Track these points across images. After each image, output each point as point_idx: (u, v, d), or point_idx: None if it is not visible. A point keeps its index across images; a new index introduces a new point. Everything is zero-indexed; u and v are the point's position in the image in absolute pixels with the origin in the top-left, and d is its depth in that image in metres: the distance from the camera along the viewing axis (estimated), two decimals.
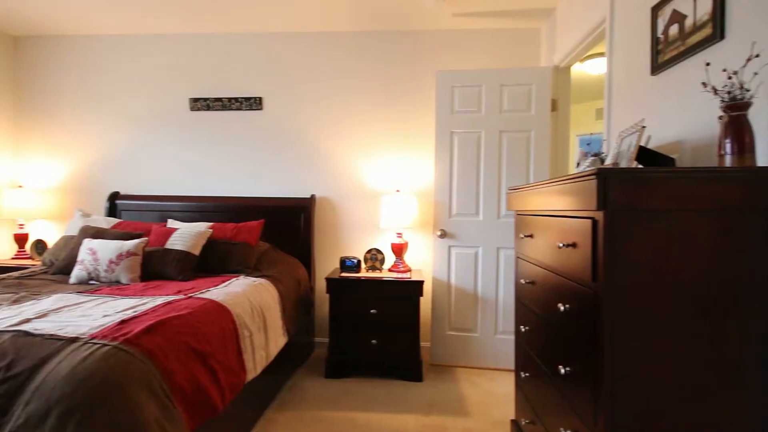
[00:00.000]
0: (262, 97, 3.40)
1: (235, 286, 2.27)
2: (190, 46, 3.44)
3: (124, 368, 1.24)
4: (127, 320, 1.53)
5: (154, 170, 3.50)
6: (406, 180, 3.28)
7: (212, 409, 1.54)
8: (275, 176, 3.39)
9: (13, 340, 1.31)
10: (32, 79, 3.58)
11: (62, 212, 3.55)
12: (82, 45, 3.52)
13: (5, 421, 1.11)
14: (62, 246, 2.76)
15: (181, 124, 3.46)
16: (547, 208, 1.51)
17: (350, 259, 2.99)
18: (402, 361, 2.77)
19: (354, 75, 3.32)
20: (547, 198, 1.51)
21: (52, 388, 1.14)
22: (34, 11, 3.11)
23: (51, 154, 3.57)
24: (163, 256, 2.50)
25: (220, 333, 1.78)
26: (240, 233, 2.83)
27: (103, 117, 3.52)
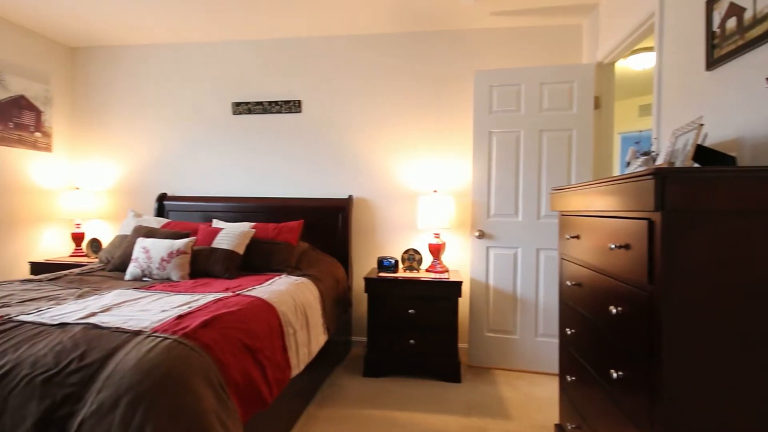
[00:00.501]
0: (300, 100, 3.48)
1: (279, 284, 2.34)
2: (233, 53, 3.57)
3: (185, 360, 1.31)
4: (184, 315, 1.61)
5: (198, 172, 3.65)
6: (443, 180, 3.27)
7: (262, 403, 1.60)
8: (314, 177, 3.46)
9: (84, 332, 1.40)
10: (88, 88, 3.80)
11: (115, 212, 3.76)
12: (132, 55, 3.72)
13: (80, 407, 1.19)
14: (117, 245, 2.93)
15: (224, 128, 3.59)
16: (596, 209, 1.48)
17: (388, 259, 3.01)
18: (440, 361, 2.77)
19: (391, 76, 3.35)
20: (596, 198, 1.48)
21: (121, 378, 1.22)
22: (89, 25, 3.30)
23: (105, 158, 3.78)
24: (210, 254, 2.61)
25: (268, 329, 1.84)
26: (281, 233, 2.91)
27: (152, 122, 3.70)
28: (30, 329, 1.43)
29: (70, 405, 1.19)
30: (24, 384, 1.22)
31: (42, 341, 1.35)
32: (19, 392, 1.21)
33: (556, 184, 2.86)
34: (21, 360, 1.27)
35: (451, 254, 3.27)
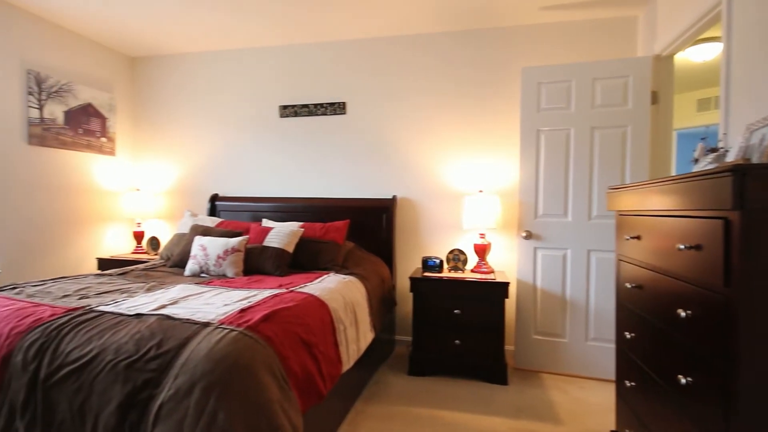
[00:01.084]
0: (345, 102, 3.54)
1: (328, 282, 2.40)
2: (280, 58, 3.69)
3: (251, 351, 1.38)
4: (246, 309, 1.68)
5: (247, 173, 3.79)
6: (488, 180, 3.24)
7: (318, 396, 1.65)
8: (358, 178, 3.52)
9: (159, 322, 1.50)
10: (147, 95, 4.04)
11: (171, 212, 3.98)
12: (186, 63, 3.92)
13: (159, 391, 1.28)
14: (176, 242, 3.09)
15: (271, 131, 3.72)
16: (661, 208, 1.43)
17: (432, 259, 3.02)
18: (486, 363, 2.74)
19: (436, 76, 3.35)
20: (661, 197, 1.43)
21: (195, 366, 1.30)
22: (147, 36, 3.51)
23: (163, 161, 4.00)
24: (262, 252, 2.71)
25: (321, 325, 1.90)
26: (328, 232, 2.98)
27: (205, 126, 3.88)
28: (110, 319, 1.55)
29: (149, 389, 1.29)
30: (109, 368, 1.33)
31: (122, 330, 1.46)
32: (104, 376, 1.32)
33: (608, 183, 2.76)
34: (105, 347, 1.38)
35: (496, 255, 3.23)
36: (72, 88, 3.45)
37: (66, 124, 3.41)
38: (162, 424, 1.23)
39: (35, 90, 3.17)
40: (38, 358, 1.39)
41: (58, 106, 3.34)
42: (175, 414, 1.24)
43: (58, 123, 3.34)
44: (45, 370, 1.36)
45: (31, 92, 3.14)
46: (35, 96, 3.17)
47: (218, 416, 1.22)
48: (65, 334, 1.44)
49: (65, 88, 3.39)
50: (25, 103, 3.11)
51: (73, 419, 1.31)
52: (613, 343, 2.75)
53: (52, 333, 1.45)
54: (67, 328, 1.47)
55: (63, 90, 3.37)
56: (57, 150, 3.35)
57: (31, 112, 3.15)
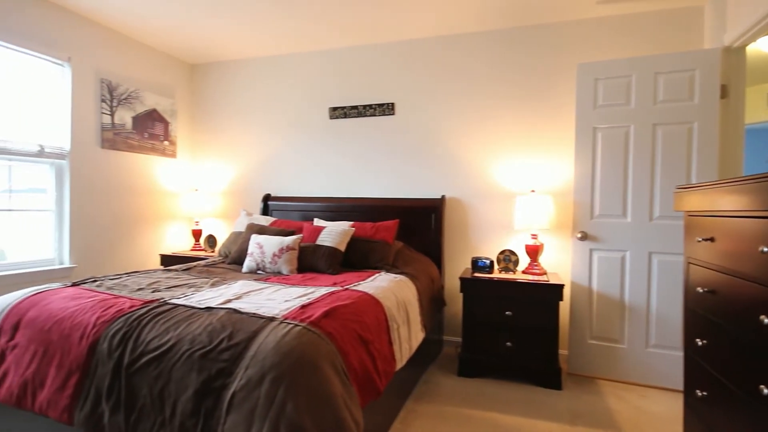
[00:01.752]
0: (394, 103, 3.57)
1: (380, 281, 2.43)
2: (330, 60, 3.77)
3: (315, 346, 1.43)
4: (306, 305, 1.74)
5: (298, 174, 3.90)
6: (541, 180, 3.16)
7: (376, 392, 1.68)
8: (407, 178, 3.54)
9: (228, 315, 1.59)
10: (204, 100, 4.26)
11: (227, 211, 4.16)
12: (241, 68, 4.09)
13: (231, 381, 1.35)
14: (233, 240, 3.24)
15: (321, 132, 3.81)
16: (739, 208, 1.35)
17: (482, 260, 2.98)
18: (539, 366, 2.68)
19: (485, 75, 3.31)
20: (738, 197, 1.35)
21: (264, 358, 1.36)
22: (205, 43, 3.70)
23: (219, 163, 4.20)
24: (315, 251, 2.78)
25: (376, 323, 1.93)
26: (378, 232, 3.01)
27: (258, 128, 4.04)
28: (183, 311, 1.65)
29: (223, 378, 1.36)
30: (185, 358, 1.42)
31: (196, 322, 1.55)
32: (181, 364, 1.41)
33: (672, 182, 2.63)
34: (181, 337, 1.48)
35: (548, 256, 3.15)
36: (139, 95, 3.69)
37: (133, 129, 3.65)
38: (235, 412, 1.30)
39: (107, 97, 3.42)
40: (122, 346, 1.50)
41: (127, 112, 3.59)
42: (246, 403, 1.30)
43: (126, 128, 3.59)
44: (128, 358, 1.47)
45: (104, 99, 3.40)
46: (107, 103, 3.42)
47: (287, 407, 1.27)
48: (145, 325, 1.55)
49: (133, 95, 3.64)
50: (99, 109, 3.37)
51: (153, 404, 1.41)
52: (678, 350, 2.62)
53: (133, 323, 1.56)
54: (146, 318, 1.58)
55: (131, 97, 3.62)
56: (125, 153, 3.60)
57: (104, 118, 3.40)
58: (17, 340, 1.65)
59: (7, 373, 1.62)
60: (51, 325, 1.63)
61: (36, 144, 2.95)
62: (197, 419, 1.34)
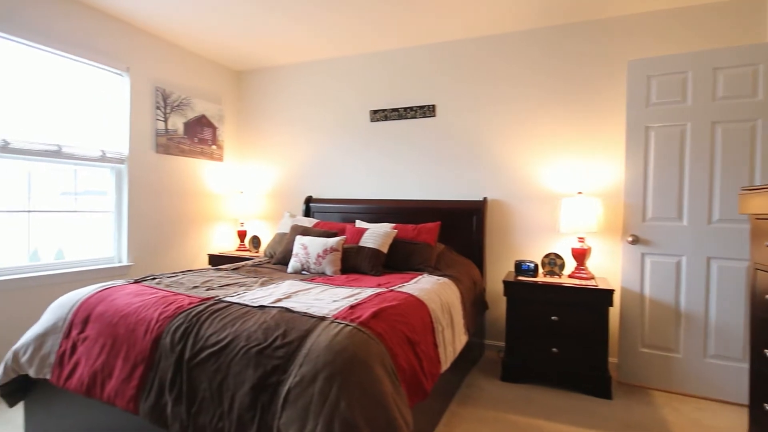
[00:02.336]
0: (435, 105, 3.57)
1: (424, 283, 2.43)
2: (371, 64, 3.81)
3: (366, 346, 1.45)
4: (355, 306, 1.77)
5: (339, 176, 3.97)
6: (588, 181, 3.06)
7: (423, 393, 1.68)
8: (447, 180, 3.52)
9: (281, 314, 1.64)
10: (249, 105, 4.41)
11: (270, 213, 4.29)
12: (284, 74, 4.21)
13: (286, 377, 1.40)
14: (278, 241, 3.33)
15: (362, 135, 3.86)
16: None
17: (526, 263, 2.92)
18: (587, 374, 2.59)
19: (528, 75, 3.25)
20: None
21: (317, 356, 1.39)
22: (251, 51, 3.83)
23: (263, 166, 4.34)
24: (358, 252, 2.82)
25: (422, 325, 1.93)
26: (420, 234, 3.02)
27: (301, 132, 4.14)
28: (238, 309, 1.71)
29: (278, 374, 1.41)
30: (242, 354, 1.47)
31: (250, 319, 1.61)
32: (238, 360, 1.47)
33: (733, 183, 2.48)
34: (238, 334, 1.54)
35: (596, 260, 3.05)
36: (190, 101, 3.87)
37: (185, 134, 3.83)
38: (290, 408, 1.34)
39: (162, 104, 3.61)
40: (183, 340, 1.58)
41: (179, 118, 3.77)
42: (301, 399, 1.34)
43: (178, 133, 3.77)
44: (189, 352, 1.55)
45: (158, 107, 3.58)
46: (161, 110, 3.61)
47: (340, 405, 1.30)
48: (203, 321, 1.63)
49: (185, 102, 3.82)
50: (154, 116, 3.55)
51: (213, 397, 1.47)
52: (740, 362, 2.47)
53: (193, 319, 1.64)
54: (205, 315, 1.66)
55: (183, 104, 3.80)
56: (177, 157, 3.78)
57: (158, 124, 3.59)
58: (87, 333, 1.77)
59: (78, 363, 1.74)
60: (118, 320, 1.74)
61: (98, 149, 3.15)
62: (254, 413, 1.39)
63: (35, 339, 1.84)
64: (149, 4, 3.01)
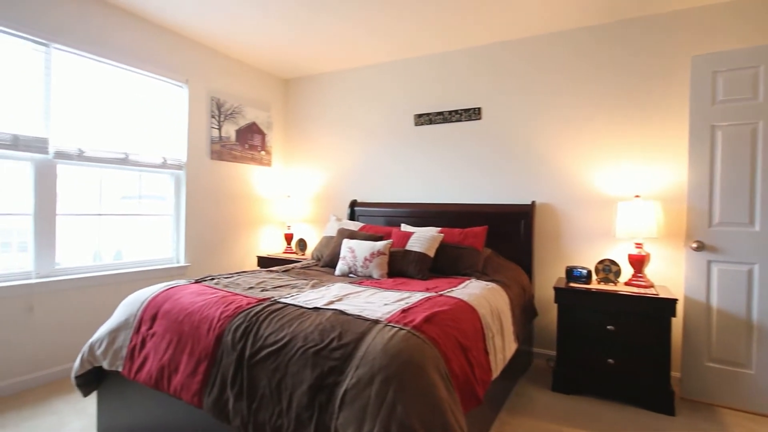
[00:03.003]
0: (480, 107, 3.52)
1: (473, 288, 2.40)
2: (414, 68, 3.83)
3: (420, 350, 1.45)
4: (407, 310, 1.78)
5: (383, 180, 4.00)
6: (646, 184, 2.92)
7: (477, 400, 1.66)
8: (494, 183, 3.46)
9: (335, 316, 1.67)
10: (296, 111, 4.54)
11: (316, 216, 4.38)
12: (330, 80, 4.30)
13: (342, 379, 1.42)
14: (324, 244, 3.40)
15: (406, 139, 3.87)
16: None
17: (578, 269, 2.82)
18: (647, 388, 2.46)
19: (579, 74, 3.15)
20: None
21: (373, 359, 1.41)
22: (298, 60, 3.94)
23: (309, 170, 4.45)
24: (405, 256, 2.83)
25: (473, 331, 1.91)
26: (467, 238, 2.98)
27: (345, 137, 4.21)
28: (293, 310, 1.77)
29: (335, 375, 1.44)
30: (300, 354, 1.51)
31: (306, 321, 1.65)
32: (296, 360, 1.51)
33: None
34: (295, 334, 1.58)
35: (655, 267, 2.89)
36: (241, 110, 4.04)
37: (236, 141, 4.00)
38: (347, 409, 1.36)
39: (216, 113, 3.79)
40: (243, 339, 1.65)
41: (232, 125, 3.94)
42: (358, 401, 1.36)
43: (231, 140, 3.94)
44: (249, 350, 1.61)
45: (213, 115, 3.76)
46: (216, 118, 3.79)
47: (397, 408, 1.30)
48: (262, 321, 1.69)
49: (237, 110, 3.98)
50: (209, 124, 3.74)
51: (272, 394, 1.52)
52: None
53: (252, 319, 1.71)
54: (263, 315, 1.72)
55: (235, 112, 3.97)
56: (229, 163, 3.95)
57: (213, 132, 3.77)
58: (155, 329, 1.89)
59: (147, 357, 1.85)
60: (183, 317, 1.83)
61: (160, 156, 3.35)
62: (312, 412, 1.42)
63: (108, 333, 1.98)
64: (208, 20, 3.17)
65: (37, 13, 2.60)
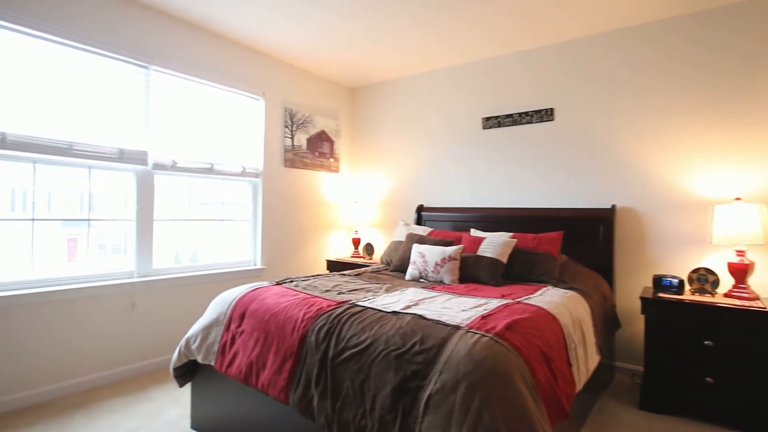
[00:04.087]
0: (553, 108, 3.39)
1: (551, 295, 2.31)
2: (482, 71, 3.77)
3: (506, 358, 1.42)
4: (486, 316, 1.75)
5: (449, 185, 3.97)
6: (748, 185, 2.64)
7: (563, 413, 1.58)
8: (568, 186, 3.31)
9: (415, 321, 1.68)
10: (363, 118, 4.65)
11: (382, 221, 4.45)
12: (394, 87, 4.36)
13: (426, 383, 1.43)
14: (393, 249, 3.44)
15: (473, 143, 3.82)
16: None
17: (667, 278, 2.62)
18: (754, 411, 2.21)
19: (664, 68, 2.92)
20: None
21: (457, 365, 1.40)
22: (365, 68, 4.03)
23: (375, 176, 4.53)
24: (476, 261, 2.78)
25: (555, 340, 1.83)
26: (541, 243, 2.87)
27: (411, 141, 4.24)
28: (373, 313, 1.80)
29: (418, 379, 1.44)
30: (382, 356, 1.54)
31: (387, 324, 1.68)
32: (379, 362, 1.54)
33: None
34: (377, 337, 1.62)
35: (761, 277, 2.60)
36: (312, 119, 4.21)
37: (307, 149, 4.17)
38: (432, 414, 1.36)
39: (289, 123, 3.98)
40: (326, 339, 1.71)
41: (303, 134, 4.12)
42: (442, 406, 1.35)
43: (302, 149, 4.12)
44: (332, 351, 1.67)
45: (286, 125, 3.96)
46: (289, 128, 3.98)
47: (483, 416, 1.28)
48: (344, 323, 1.74)
49: (307, 120, 4.16)
50: (282, 134, 3.93)
51: (355, 395, 1.56)
52: None
53: (334, 321, 1.77)
54: (344, 317, 1.77)
55: (306, 121, 4.15)
56: (301, 170, 4.13)
57: (286, 141, 3.96)
58: (243, 327, 2.01)
59: (236, 354, 1.97)
60: (269, 317, 1.94)
61: (240, 165, 3.58)
62: (395, 415, 1.44)
63: (202, 330, 2.14)
64: (283, 36, 3.35)
65: (139, 38, 2.90)
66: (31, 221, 2.54)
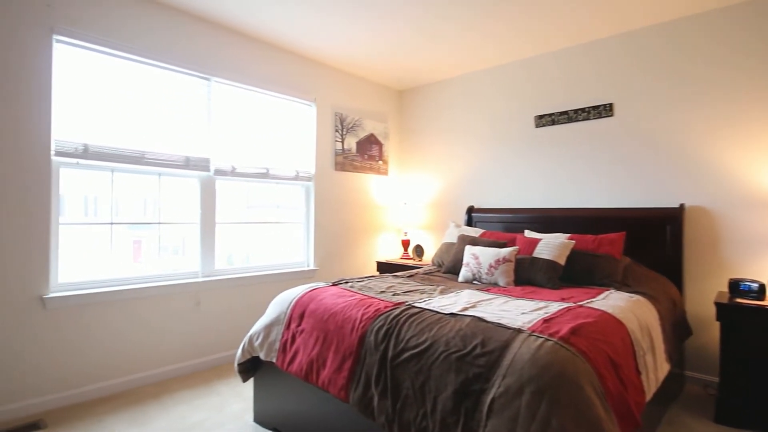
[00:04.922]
0: (612, 103, 3.24)
1: (615, 300, 2.20)
2: (534, 68, 3.67)
3: (573, 363, 1.38)
4: (548, 320, 1.70)
5: (501, 185, 3.89)
6: None
7: (634, 423, 1.51)
8: (630, 185, 3.15)
9: (475, 323, 1.67)
10: (411, 120, 4.66)
11: (432, 222, 4.43)
12: (442, 88, 4.33)
13: (489, 386, 1.41)
14: (445, 251, 3.42)
15: (526, 142, 3.72)
16: None
17: (746, 282, 2.42)
18: None
19: (735, 57, 2.71)
20: None
21: (521, 368, 1.38)
22: (412, 71, 4.04)
23: (424, 178, 4.52)
24: (532, 263, 2.71)
25: (623, 346, 1.75)
26: (601, 245, 2.75)
27: (460, 143, 4.20)
28: (430, 315, 1.80)
29: (480, 383, 1.43)
30: (443, 358, 1.54)
31: (446, 326, 1.68)
32: (439, 364, 1.54)
33: None
34: (436, 339, 1.62)
35: None
36: (361, 123, 4.27)
37: (357, 152, 4.24)
38: (496, 417, 1.35)
39: (339, 127, 4.07)
40: (386, 340, 1.73)
41: (352, 138, 4.20)
42: (507, 411, 1.33)
43: (352, 152, 4.19)
44: (392, 351, 1.69)
45: (336, 129, 4.05)
46: (339, 132, 4.07)
47: (551, 422, 1.25)
48: (402, 324, 1.76)
49: (357, 124, 4.23)
50: (333, 138, 4.03)
51: (415, 396, 1.57)
52: None
53: (392, 321, 1.79)
54: (402, 318, 1.79)
55: (355, 125, 4.22)
56: (351, 173, 4.20)
57: (336, 145, 4.05)
58: (303, 326, 2.08)
59: (297, 352, 2.04)
60: (328, 317, 1.99)
61: (293, 170, 3.70)
62: (458, 417, 1.43)
63: (264, 328, 2.24)
64: (334, 41, 3.43)
65: (200, 52, 3.08)
66: (110, 225, 2.77)
